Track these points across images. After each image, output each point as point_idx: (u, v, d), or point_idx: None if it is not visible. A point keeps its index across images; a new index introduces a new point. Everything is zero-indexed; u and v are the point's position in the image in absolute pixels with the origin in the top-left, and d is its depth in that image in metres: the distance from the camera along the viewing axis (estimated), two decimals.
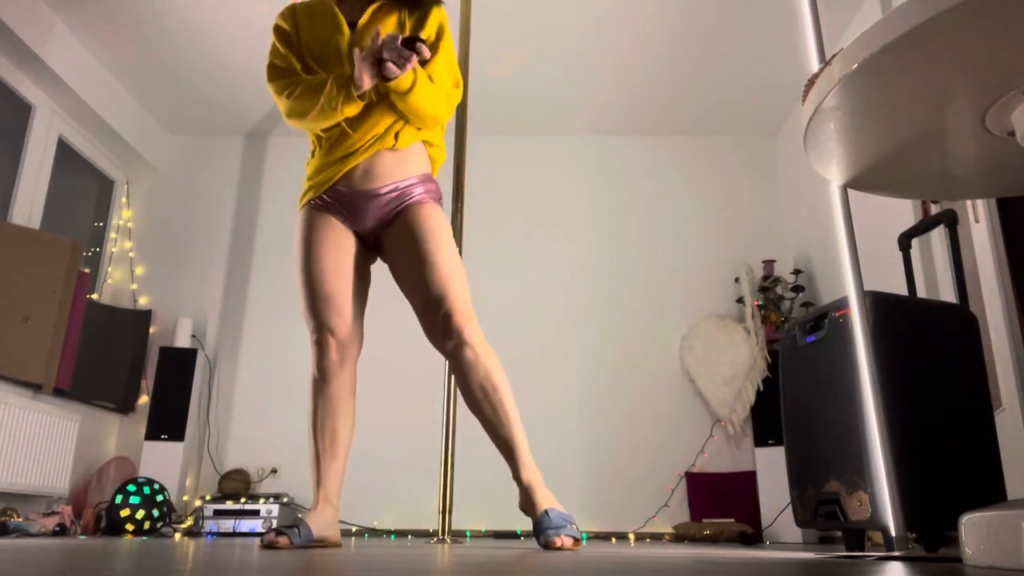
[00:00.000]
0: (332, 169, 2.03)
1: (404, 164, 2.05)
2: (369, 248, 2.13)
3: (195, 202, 4.66)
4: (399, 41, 1.84)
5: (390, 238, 2.05)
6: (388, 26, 2.07)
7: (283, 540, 1.80)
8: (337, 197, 2.03)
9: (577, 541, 1.89)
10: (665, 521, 4.01)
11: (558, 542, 1.83)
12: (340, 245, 2.04)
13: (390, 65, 1.85)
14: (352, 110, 1.93)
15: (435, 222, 2.02)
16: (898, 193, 1.57)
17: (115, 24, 3.74)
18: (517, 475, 2.00)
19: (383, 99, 2.01)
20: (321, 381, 2.01)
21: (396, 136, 2.02)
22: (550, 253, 4.53)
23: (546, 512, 1.91)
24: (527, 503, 1.97)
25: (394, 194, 2.02)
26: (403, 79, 1.89)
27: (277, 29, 2.11)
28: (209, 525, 3.68)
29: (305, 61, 2.06)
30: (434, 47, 2.05)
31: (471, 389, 2.01)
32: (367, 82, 1.88)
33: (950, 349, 2.15)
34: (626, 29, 3.77)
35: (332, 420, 2.01)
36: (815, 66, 1.80)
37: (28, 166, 3.76)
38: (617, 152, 4.72)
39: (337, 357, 2.01)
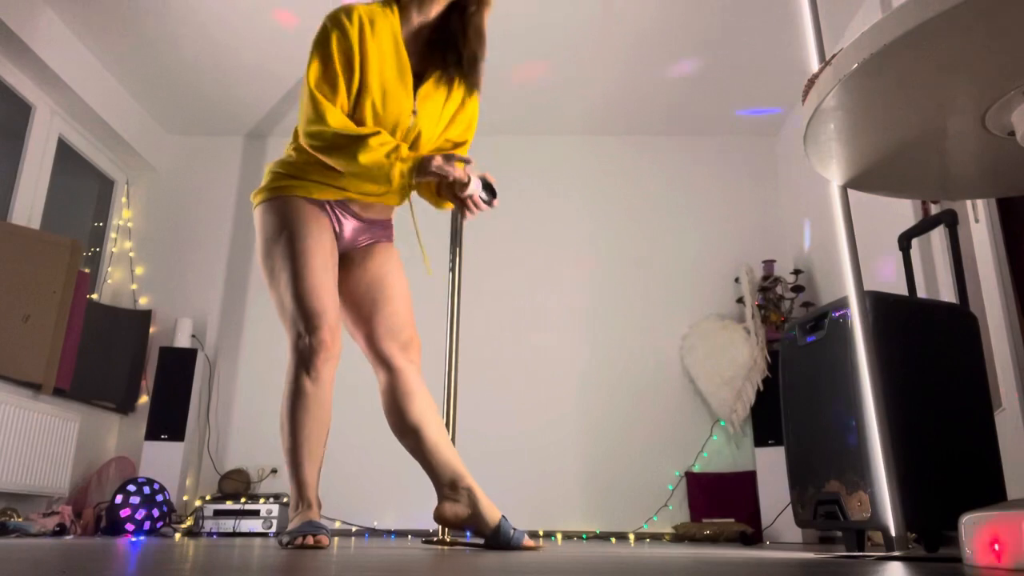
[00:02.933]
0: (347, 185, 2.00)
1: (390, 208, 2.16)
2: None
3: (195, 202, 4.66)
4: (482, 187, 1.97)
5: (362, 260, 2.09)
6: (437, 101, 2.01)
7: (324, 539, 1.82)
8: (335, 208, 2.03)
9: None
10: (665, 521, 4.01)
11: (532, 542, 1.92)
12: (334, 251, 2.03)
13: (469, 204, 1.98)
14: (392, 191, 1.96)
15: (399, 263, 2.15)
16: (898, 193, 1.57)
17: (115, 24, 3.74)
18: (464, 479, 1.97)
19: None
20: (314, 381, 1.93)
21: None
22: (549, 253, 4.53)
23: (504, 517, 1.94)
24: (476, 507, 1.93)
25: (380, 231, 2.13)
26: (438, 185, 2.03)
27: (340, 36, 1.90)
28: (209, 525, 3.68)
29: (355, 81, 1.91)
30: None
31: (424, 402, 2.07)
32: (430, 177, 1.89)
33: (950, 349, 2.15)
34: (626, 29, 3.77)
35: (323, 422, 1.97)
36: (815, 66, 1.80)
37: (28, 166, 3.76)
38: (617, 152, 4.72)
39: (333, 356, 1.96)
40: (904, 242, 2.60)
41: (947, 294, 2.94)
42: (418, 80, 2.00)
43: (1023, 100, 1.16)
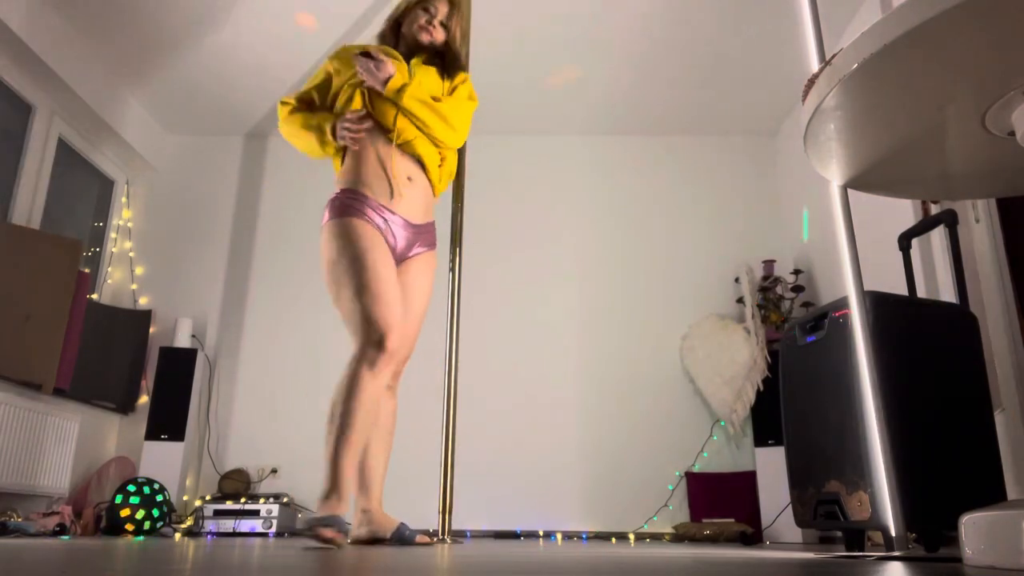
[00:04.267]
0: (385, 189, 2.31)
1: (431, 207, 2.45)
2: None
3: (195, 202, 4.66)
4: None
5: (403, 272, 2.36)
6: (432, 72, 2.44)
7: (340, 537, 1.93)
8: (386, 217, 2.28)
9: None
10: (665, 521, 4.01)
11: (425, 538, 2.32)
12: (391, 262, 2.25)
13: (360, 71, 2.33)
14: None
15: (432, 275, 2.45)
16: (898, 193, 1.57)
17: (116, 24, 3.74)
18: (365, 503, 2.31)
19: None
20: (374, 377, 2.09)
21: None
22: (549, 253, 4.53)
23: (402, 523, 2.28)
24: (380, 520, 2.27)
25: (426, 236, 2.41)
26: (393, 82, 2.29)
27: (325, 64, 2.46)
28: (209, 525, 3.68)
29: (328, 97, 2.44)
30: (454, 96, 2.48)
31: (387, 422, 2.38)
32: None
33: (950, 349, 2.15)
34: (626, 29, 3.77)
35: (373, 418, 2.15)
36: (815, 66, 1.80)
37: (28, 166, 3.76)
38: (617, 152, 4.72)
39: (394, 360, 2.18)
40: (904, 242, 2.60)
41: (947, 294, 2.94)
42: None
43: (1023, 100, 1.16)
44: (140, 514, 3.30)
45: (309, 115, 2.40)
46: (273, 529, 3.69)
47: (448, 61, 2.52)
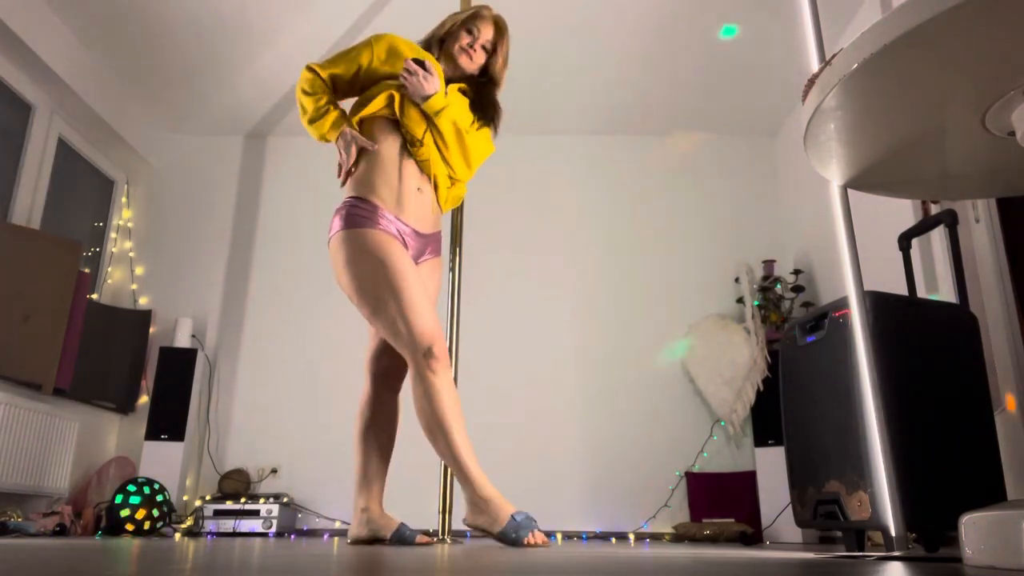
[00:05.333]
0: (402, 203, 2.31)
1: (439, 218, 2.45)
2: None
3: (195, 202, 4.66)
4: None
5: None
6: (464, 103, 2.40)
7: (541, 537, 2.02)
8: (398, 226, 2.28)
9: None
10: (665, 521, 4.01)
11: (425, 538, 2.36)
12: (416, 268, 2.27)
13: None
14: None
15: (440, 280, 2.47)
16: (898, 193, 1.57)
17: (115, 24, 3.74)
18: (364, 503, 2.35)
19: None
20: (439, 380, 2.15)
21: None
22: (549, 253, 4.53)
23: (402, 523, 2.33)
24: (380, 520, 2.31)
25: (434, 244, 2.41)
26: (436, 100, 2.26)
27: (365, 46, 2.38)
28: (209, 525, 3.68)
29: (360, 82, 2.38)
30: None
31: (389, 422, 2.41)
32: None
33: (950, 349, 2.15)
34: (626, 29, 3.77)
35: (459, 412, 2.21)
36: (815, 66, 1.80)
37: (28, 166, 3.76)
38: (616, 152, 4.72)
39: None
40: (904, 242, 2.60)
41: (947, 294, 2.94)
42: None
43: (1023, 100, 1.16)
44: (140, 514, 3.30)
45: (327, 99, 2.34)
46: (273, 529, 3.69)
47: (484, 98, 2.48)
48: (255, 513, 3.71)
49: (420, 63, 2.24)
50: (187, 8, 3.64)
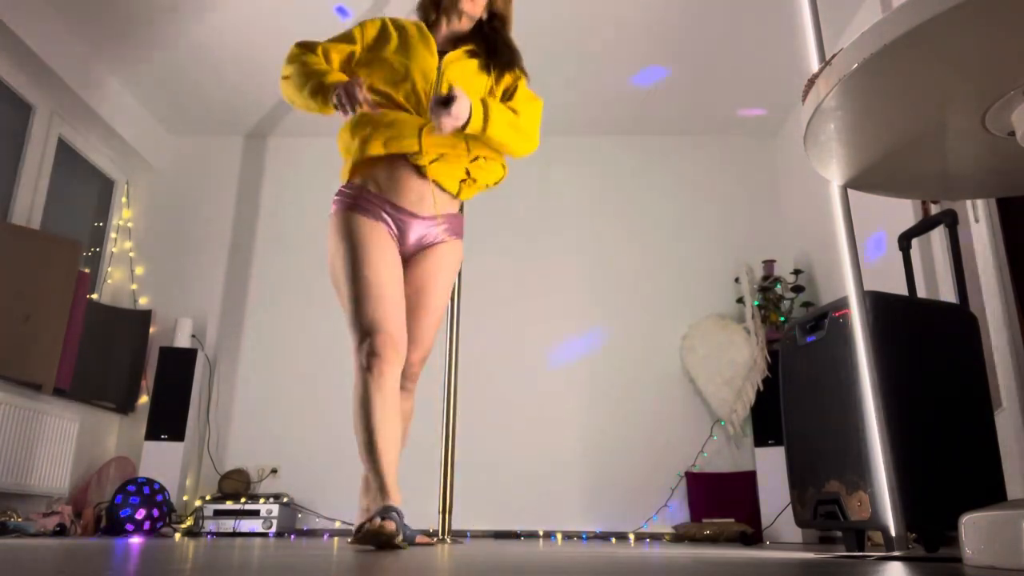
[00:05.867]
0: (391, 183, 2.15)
1: (447, 200, 2.25)
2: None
3: (195, 202, 4.66)
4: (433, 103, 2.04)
5: (418, 263, 2.22)
6: (471, 69, 2.25)
7: (389, 524, 1.81)
8: (389, 212, 2.14)
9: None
10: (665, 521, 4.01)
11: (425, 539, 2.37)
12: (396, 259, 2.14)
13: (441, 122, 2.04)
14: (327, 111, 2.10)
15: (453, 269, 2.29)
16: (898, 193, 1.57)
17: (116, 24, 3.74)
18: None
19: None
20: (374, 381, 1.96)
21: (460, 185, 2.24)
22: (550, 253, 4.53)
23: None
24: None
25: (445, 226, 2.24)
26: (475, 122, 2.07)
27: (355, 28, 2.25)
28: (209, 525, 3.68)
29: (349, 66, 2.23)
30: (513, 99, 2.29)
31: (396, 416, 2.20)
32: (444, 129, 2.04)
33: (950, 349, 2.15)
34: (625, 29, 3.77)
35: (394, 417, 1.99)
36: (815, 66, 1.80)
37: (28, 166, 3.76)
38: (616, 152, 4.72)
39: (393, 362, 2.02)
40: (904, 242, 2.59)
41: (947, 294, 2.94)
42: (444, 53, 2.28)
43: (1023, 100, 1.16)
44: (140, 514, 3.30)
45: (318, 62, 2.15)
46: (273, 529, 3.69)
47: (497, 43, 2.30)
48: (255, 513, 3.71)
49: (442, 100, 2.01)
50: (188, 7, 3.64)
